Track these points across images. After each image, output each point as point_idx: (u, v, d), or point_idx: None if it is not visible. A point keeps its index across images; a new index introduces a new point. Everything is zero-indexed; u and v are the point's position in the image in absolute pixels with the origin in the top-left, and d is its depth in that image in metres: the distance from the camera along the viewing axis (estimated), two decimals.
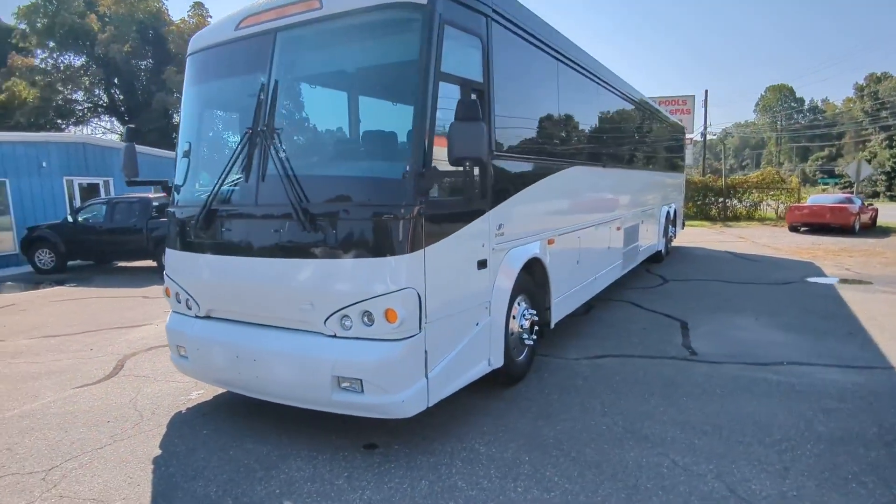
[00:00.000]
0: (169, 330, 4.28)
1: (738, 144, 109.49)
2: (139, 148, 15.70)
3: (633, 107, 8.43)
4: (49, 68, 27.72)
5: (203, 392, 4.70)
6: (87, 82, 28.74)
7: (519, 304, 4.71)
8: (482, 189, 3.95)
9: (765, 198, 22.65)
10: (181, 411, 4.34)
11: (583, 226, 6.17)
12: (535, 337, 4.90)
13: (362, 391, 3.34)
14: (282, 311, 3.65)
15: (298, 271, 3.55)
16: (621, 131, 7.91)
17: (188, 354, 4.17)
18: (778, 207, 22.13)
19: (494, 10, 4.00)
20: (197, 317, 4.13)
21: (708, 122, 35.56)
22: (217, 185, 3.84)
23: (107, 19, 25.10)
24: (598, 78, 6.56)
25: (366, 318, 3.33)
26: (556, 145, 5.36)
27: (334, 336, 3.43)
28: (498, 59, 4.09)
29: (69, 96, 28.30)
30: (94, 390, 4.87)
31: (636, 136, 8.89)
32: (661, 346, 5.87)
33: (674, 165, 13.01)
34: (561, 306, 5.64)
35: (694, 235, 17.54)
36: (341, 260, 3.41)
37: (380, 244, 3.31)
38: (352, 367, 3.34)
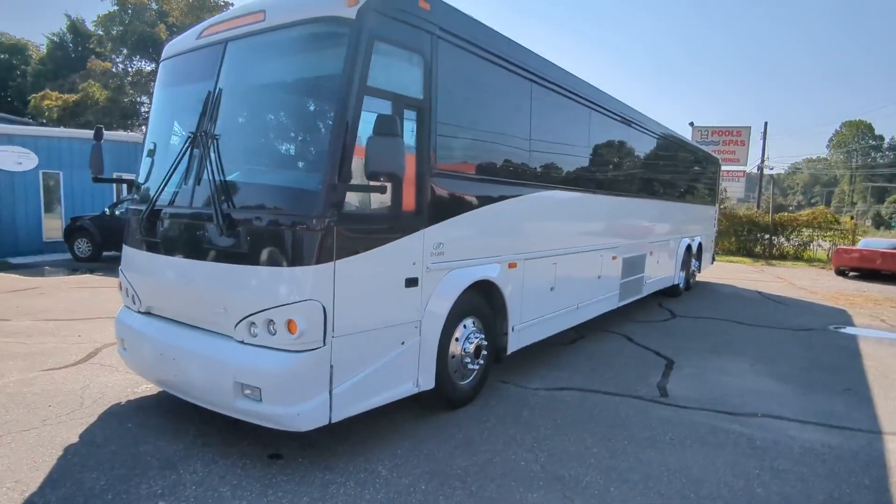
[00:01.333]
0: (116, 322, 4.43)
1: (809, 181, 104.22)
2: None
3: (639, 134, 8.13)
4: (120, 72, 29.87)
5: (151, 386, 4.81)
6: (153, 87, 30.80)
7: (465, 326, 4.60)
8: (418, 206, 3.89)
9: (816, 237, 21.29)
10: (120, 403, 4.46)
11: (560, 252, 5.97)
12: (481, 362, 4.76)
13: (261, 400, 3.32)
14: (202, 313, 3.71)
15: (215, 275, 3.59)
16: (619, 158, 7.63)
17: (127, 348, 4.30)
18: (830, 249, 20.74)
19: (442, 29, 3.96)
20: (139, 312, 4.26)
21: (766, 155, 33.99)
22: (161, 187, 3.98)
23: (174, 29, 26.84)
24: (590, 101, 6.37)
25: (270, 327, 3.33)
26: (524, 167, 5.21)
27: (242, 342, 3.44)
28: (446, 76, 4.05)
29: (136, 99, 30.33)
30: (56, 375, 5.09)
31: (642, 165, 8.54)
32: (633, 384, 5.57)
33: (701, 197, 12.46)
34: (525, 333, 5.46)
35: (729, 271, 16.70)
36: (251, 267, 3.42)
37: (286, 254, 3.31)
38: (251, 374, 3.33)
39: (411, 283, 3.90)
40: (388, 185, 3.56)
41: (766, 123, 34.26)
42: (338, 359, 3.42)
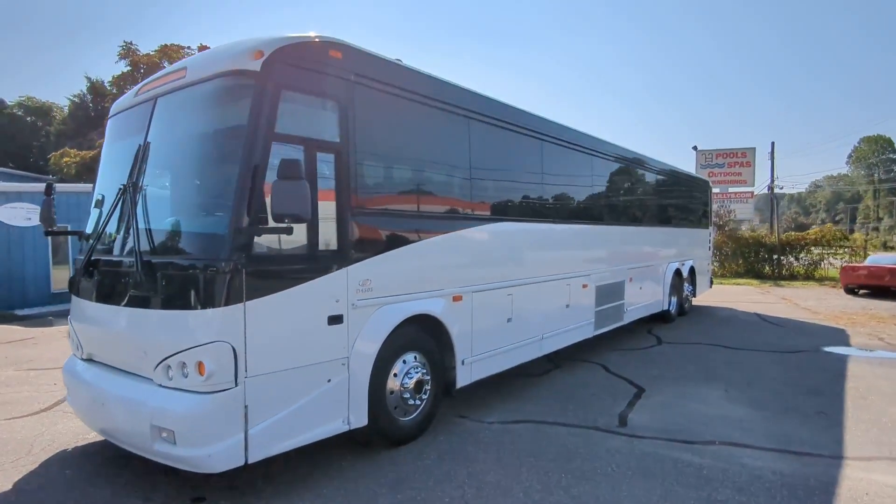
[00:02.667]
0: (63, 371, 4.55)
1: (831, 198, 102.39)
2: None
3: (605, 162, 8.17)
4: None
5: None
6: None
7: (405, 361, 4.60)
8: (339, 245, 3.98)
9: (826, 255, 20.79)
10: (67, 449, 4.53)
11: (517, 283, 5.97)
12: (424, 397, 4.74)
13: (175, 442, 3.36)
14: (129, 358, 3.80)
15: (137, 319, 3.71)
16: (581, 187, 7.65)
17: (70, 395, 4.41)
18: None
19: (359, 74, 4.12)
20: (82, 359, 4.37)
21: (776, 175, 33.59)
22: (96, 237, 4.15)
23: None
24: (540, 133, 6.45)
25: (183, 370, 3.39)
26: (465, 202, 5.28)
27: (160, 385, 3.51)
28: (366, 119, 4.19)
29: None
30: (16, 423, 5.20)
31: (611, 192, 8.55)
32: (595, 415, 5.46)
33: (689, 221, 12.36)
34: (478, 366, 5.42)
35: (732, 294, 16.35)
36: (166, 311, 3.52)
37: (196, 297, 3.40)
38: (165, 416, 3.38)
39: (335, 320, 3.94)
40: (303, 226, 3.66)
41: (772, 143, 33.99)
42: (253, 399, 3.46)
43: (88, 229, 4.64)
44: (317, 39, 3.87)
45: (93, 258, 4.14)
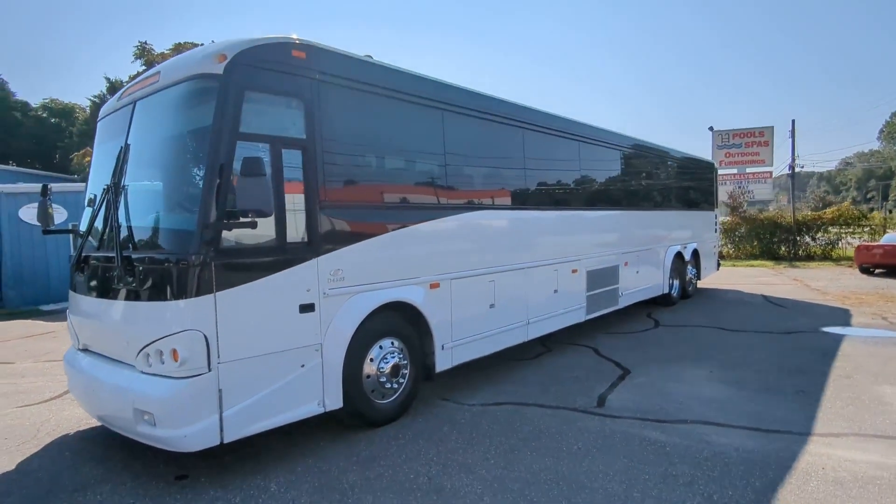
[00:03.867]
0: (63, 360, 4.86)
1: (862, 176, 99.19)
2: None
3: (593, 147, 8.18)
4: None
5: None
6: None
7: (381, 346, 4.80)
8: (309, 237, 4.17)
9: (844, 235, 20.34)
10: (69, 434, 4.85)
11: (499, 269, 6.11)
12: (401, 381, 4.94)
13: (155, 424, 3.62)
14: (116, 347, 4.07)
15: (120, 311, 3.97)
16: (566, 174, 7.69)
17: (69, 383, 4.72)
18: None
19: (324, 72, 4.29)
20: (78, 350, 4.68)
21: (796, 154, 32.77)
22: (85, 235, 4.43)
23: None
24: (519, 121, 6.53)
25: (161, 357, 3.64)
26: (439, 191, 5.42)
27: (142, 372, 3.77)
28: (333, 114, 4.36)
29: None
30: (27, 410, 5.56)
31: (599, 178, 8.57)
32: (575, 396, 5.60)
33: (692, 203, 12.27)
34: (459, 351, 5.60)
35: (742, 276, 16.19)
36: (144, 303, 3.78)
37: (169, 289, 3.63)
38: (144, 400, 3.64)
39: (307, 308, 4.15)
40: (271, 219, 3.87)
41: (793, 121, 32.75)
42: (227, 383, 3.70)
43: (81, 228, 4.92)
44: (279, 41, 4.04)
45: (83, 255, 4.41)
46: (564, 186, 7.69)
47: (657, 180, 10.71)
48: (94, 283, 4.30)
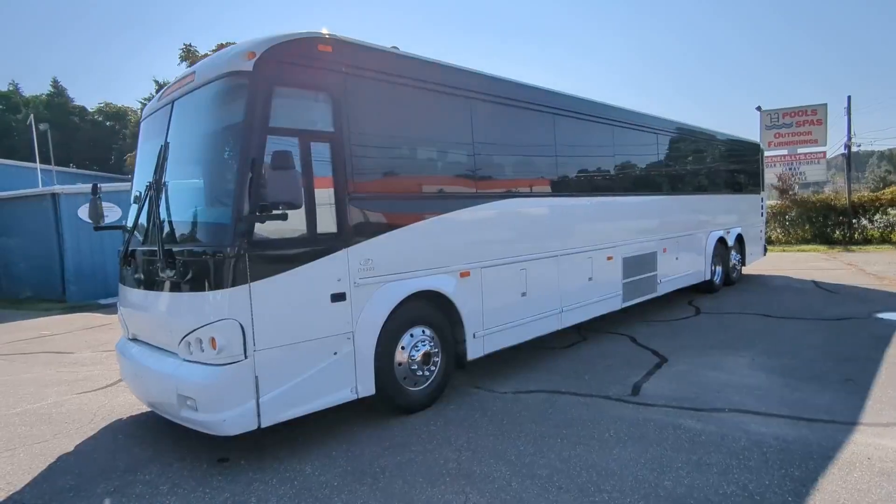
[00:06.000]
0: (115, 349, 5.16)
1: None
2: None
3: (630, 132, 8.00)
4: None
5: None
6: None
7: (412, 335, 4.88)
8: (339, 228, 4.27)
9: None
10: (122, 419, 5.15)
11: (531, 257, 6.09)
12: (432, 368, 5.01)
13: (197, 409, 3.81)
14: (161, 336, 4.30)
15: (164, 302, 4.19)
16: (603, 159, 7.55)
17: (121, 371, 5.01)
18: None
19: (350, 65, 4.35)
20: (128, 339, 4.95)
21: (853, 132, 31.00)
22: (132, 230, 4.67)
23: None
24: (551, 107, 6.45)
25: (201, 345, 3.82)
26: (469, 181, 5.42)
27: (184, 360, 3.97)
28: (360, 107, 4.43)
29: None
30: (85, 397, 5.93)
31: (639, 162, 8.38)
32: (609, 384, 5.54)
33: (736, 186, 11.84)
34: (490, 339, 5.62)
35: (792, 262, 15.52)
36: (185, 294, 3.97)
37: (207, 280, 3.80)
38: (187, 386, 3.83)
39: (338, 297, 4.26)
40: (302, 211, 3.99)
41: (849, 97, 30.86)
42: (263, 370, 3.85)
43: (128, 224, 5.19)
44: (306, 36, 4.13)
45: (130, 249, 4.65)
46: (597, 172, 7.56)
47: (697, 164, 10.38)
48: (139, 275, 4.53)
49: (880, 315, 8.15)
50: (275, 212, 3.74)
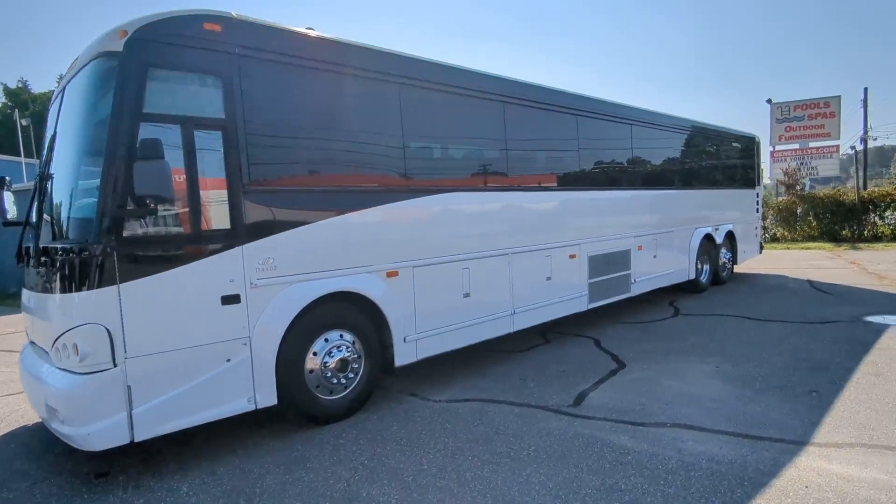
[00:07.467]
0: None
1: None
2: None
3: (594, 120, 7.47)
4: None
5: None
6: None
7: (327, 339, 4.51)
8: (232, 224, 3.92)
9: None
10: (28, 425, 4.87)
11: (475, 255, 5.68)
12: (350, 376, 4.64)
13: (62, 421, 3.50)
14: (43, 339, 3.98)
15: (41, 303, 3.87)
16: (562, 152, 7.06)
17: (21, 377, 4.71)
18: None
19: (245, 46, 3.98)
20: (30, 342, 4.65)
21: (869, 125, 29.92)
22: (24, 226, 4.37)
23: None
24: (501, 95, 6.01)
25: (67, 351, 3.49)
26: (395, 173, 5.01)
27: (55, 366, 3.65)
28: (259, 91, 4.06)
29: None
30: (4, 400, 5.67)
31: (604, 155, 7.86)
32: (553, 393, 5.12)
33: (727, 181, 11.27)
34: (426, 343, 5.24)
35: (793, 260, 14.86)
36: (54, 295, 3.64)
37: (73, 281, 3.47)
38: (53, 395, 3.52)
39: (230, 300, 3.91)
40: (185, 206, 3.65)
41: (865, 90, 30.03)
42: (136, 379, 3.51)
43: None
44: (188, 14, 3.77)
45: (23, 246, 4.35)
46: (556, 167, 7.07)
47: (680, 157, 9.83)
48: (27, 274, 4.23)
49: (869, 318, 7.59)
50: (143, 207, 3.41)
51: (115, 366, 3.44)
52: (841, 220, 19.10)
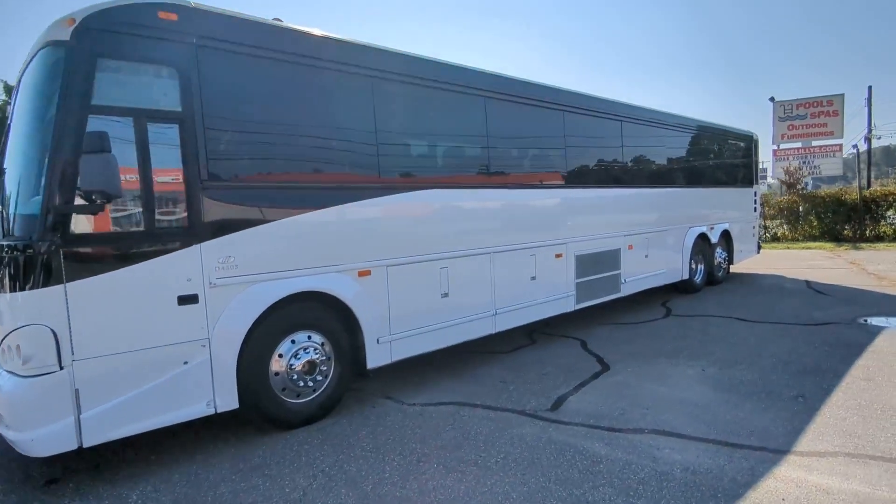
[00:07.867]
0: None
1: None
2: None
3: (580, 117, 7.27)
4: None
5: None
6: None
7: (294, 341, 4.36)
8: (189, 221, 3.77)
9: None
10: None
11: (454, 254, 5.51)
12: (318, 378, 4.49)
13: (7, 426, 3.36)
14: None
15: None
16: (548, 150, 6.86)
17: None
18: None
19: (204, 36, 3.82)
20: None
21: (873, 124, 29.59)
22: None
23: None
24: (482, 90, 5.83)
25: (13, 353, 3.35)
26: (364, 168, 4.83)
27: (2, 368, 3.50)
28: (219, 83, 3.90)
29: None
30: None
31: (592, 153, 7.67)
32: (531, 397, 4.96)
33: (724, 180, 11.06)
34: (401, 345, 5.08)
35: (792, 260, 14.63)
36: (2, 294, 3.49)
37: (16, 279, 3.33)
38: None
39: (188, 300, 3.76)
40: (137, 202, 3.52)
41: (869, 88, 29.70)
42: (84, 382, 3.37)
43: None
44: (141, 2, 3.61)
45: None
46: (541, 164, 6.90)
47: (673, 156, 9.62)
48: None
49: (864, 320, 7.39)
50: (89, 203, 3.26)
51: (61, 368, 3.30)
52: (843, 220, 18.82)
